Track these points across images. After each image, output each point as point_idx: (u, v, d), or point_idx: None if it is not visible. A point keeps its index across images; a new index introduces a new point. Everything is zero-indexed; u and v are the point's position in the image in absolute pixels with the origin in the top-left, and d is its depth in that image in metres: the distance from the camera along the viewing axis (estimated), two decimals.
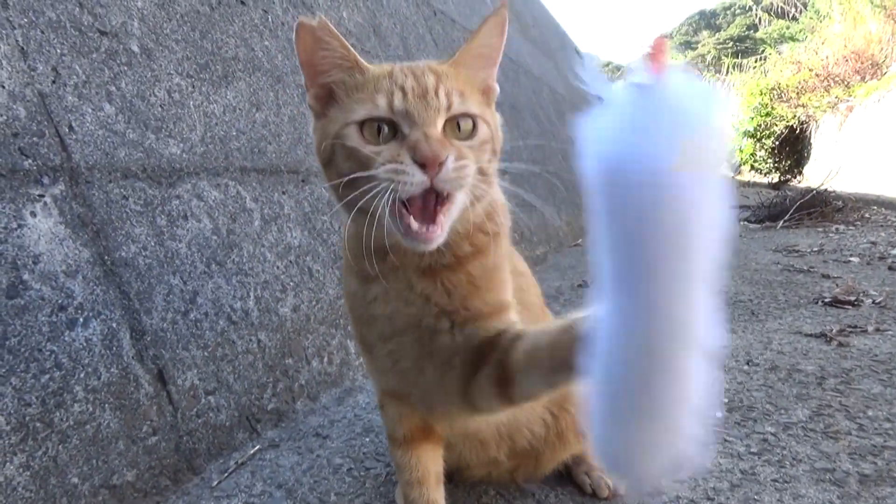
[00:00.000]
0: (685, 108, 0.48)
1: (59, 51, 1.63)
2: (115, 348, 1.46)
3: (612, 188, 0.50)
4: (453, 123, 0.88)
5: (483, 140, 0.91)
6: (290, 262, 2.15)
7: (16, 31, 1.53)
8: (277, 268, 2.08)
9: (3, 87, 1.45)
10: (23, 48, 1.54)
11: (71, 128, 1.57)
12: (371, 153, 0.85)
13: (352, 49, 0.93)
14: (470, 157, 0.86)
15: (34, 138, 1.47)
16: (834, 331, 2.45)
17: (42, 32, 1.60)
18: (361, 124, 0.88)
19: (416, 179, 0.80)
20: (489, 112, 0.96)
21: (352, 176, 0.84)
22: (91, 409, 1.36)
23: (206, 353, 1.70)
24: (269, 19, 2.63)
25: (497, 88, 1.02)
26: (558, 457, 1.34)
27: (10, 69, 1.48)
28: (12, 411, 1.22)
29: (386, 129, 0.87)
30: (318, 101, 0.98)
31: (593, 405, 0.57)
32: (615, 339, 0.54)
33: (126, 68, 1.81)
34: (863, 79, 13.38)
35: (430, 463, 1.15)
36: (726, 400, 1.86)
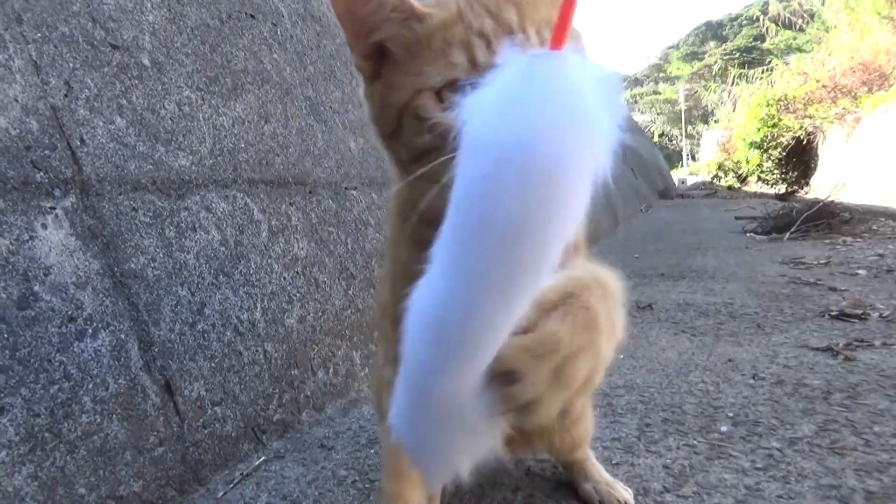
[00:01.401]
0: (562, 84, 0.46)
1: (71, 65, 1.65)
2: (123, 359, 1.48)
3: (472, 154, 0.47)
4: None
5: None
6: (297, 273, 2.17)
7: (29, 45, 1.56)
8: (284, 279, 2.09)
9: (17, 100, 1.47)
10: (36, 62, 1.56)
11: (82, 141, 1.60)
12: (437, 110, 0.71)
13: None
14: None
15: (46, 151, 1.50)
16: (840, 345, 2.44)
17: (55, 47, 1.62)
18: (439, 90, 0.72)
19: None
20: None
21: (432, 153, 0.70)
22: (99, 419, 1.37)
23: (212, 364, 1.71)
24: (278, 32, 2.66)
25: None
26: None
27: (23, 83, 1.50)
28: (21, 422, 1.23)
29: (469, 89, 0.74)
30: (367, 62, 0.80)
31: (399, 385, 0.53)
32: (432, 311, 0.49)
33: (137, 82, 1.84)
34: (870, 90, 13.37)
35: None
36: (731, 414, 1.85)
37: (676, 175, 39.55)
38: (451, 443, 0.52)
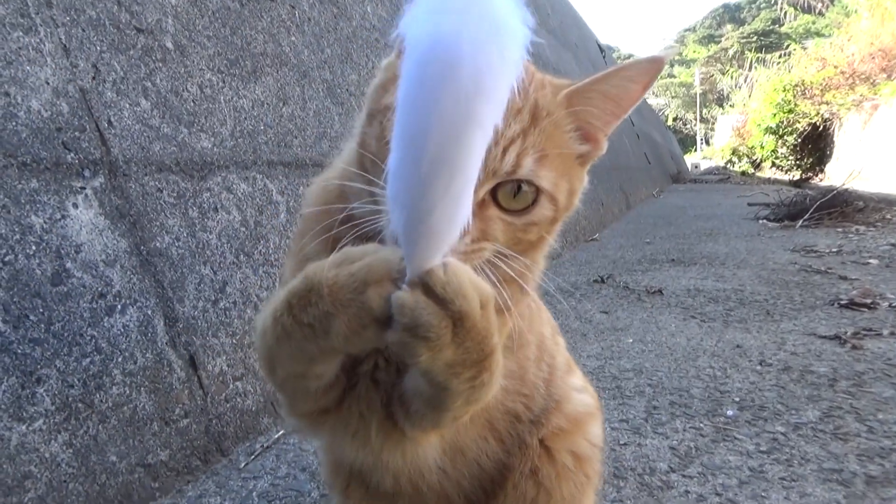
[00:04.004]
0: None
1: (98, 48, 1.69)
2: (150, 334, 1.53)
3: (406, 55, 0.55)
4: (513, 186, 0.69)
5: (534, 222, 0.71)
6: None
7: (59, 29, 1.60)
8: None
9: (48, 83, 1.52)
10: (65, 46, 1.60)
11: (110, 123, 1.64)
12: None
13: None
14: (500, 240, 0.70)
15: (76, 133, 1.54)
16: (848, 333, 2.47)
17: (83, 30, 1.66)
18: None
19: None
20: (566, 183, 0.74)
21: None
22: (128, 391, 1.43)
23: (234, 341, 1.77)
24: (297, 15, 2.68)
25: (604, 146, 0.79)
26: None
27: (53, 66, 1.55)
28: (56, 392, 1.29)
29: None
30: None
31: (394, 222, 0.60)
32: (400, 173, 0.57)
33: (161, 64, 1.87)
34: (889, 77, 13.19)
35: None
36: (738, 399, 1.90)
37: (690, 159, 39.24)
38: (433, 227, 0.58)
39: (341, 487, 1.00)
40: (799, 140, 16.24)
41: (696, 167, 35.40)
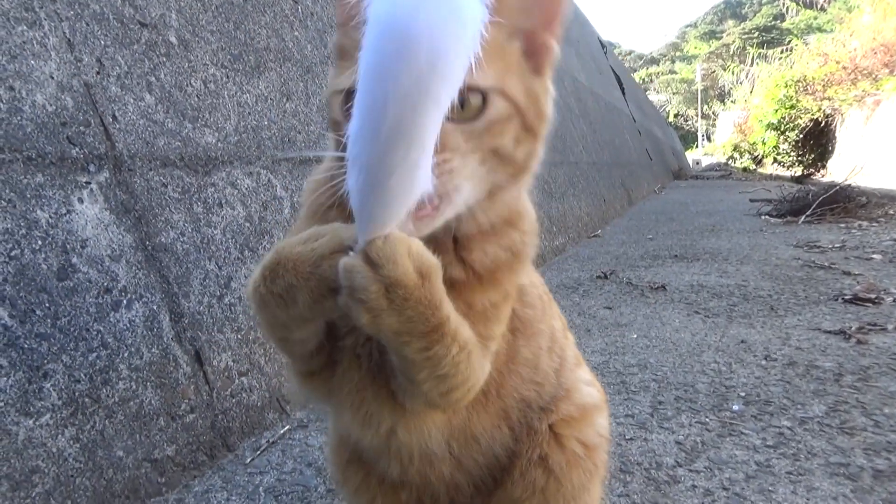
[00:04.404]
0: None
1: (102, 42, 1.69)
2: (155, 329, 1.53)
3: (368, 28, 0.58)
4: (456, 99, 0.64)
5: (493, 120, 0.68)
6: None
7: (63, 23, 1.60)
8: None
9: (53, 77, 1.51)
10: (69, 40, 1.60)
11: (114, 117, 1.64)
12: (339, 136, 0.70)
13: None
14: (463, 148, 0.66)
15: (81, 127, 1.54)
16: (853, 328, 2.46)
17: (87, 24, 1.66)
18: (347, 96, 0.70)
19: None
20: (519, 82, 0.71)
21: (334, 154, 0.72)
22: (134, 386, 1.43)
23: (239, 336, 1.77)
24: (300, 10, 2.67)
25: (555, 48, 0.75)
26: None
27: (58, 60, 1.54)
28: (63, 387, 1.29)
29: None
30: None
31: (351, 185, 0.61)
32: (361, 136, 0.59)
33: (165, 59, 1.87)
34: (891, 72, 13.15)
35: None
36: (743, 394, 1.89)
37: (691, 156, 39.20)
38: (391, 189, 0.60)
39: (340, 469, 1.00)
40: (801, 136, 16.21)
41: (698, 163, 35.37)
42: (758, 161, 21.76)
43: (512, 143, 0.71)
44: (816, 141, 15.97)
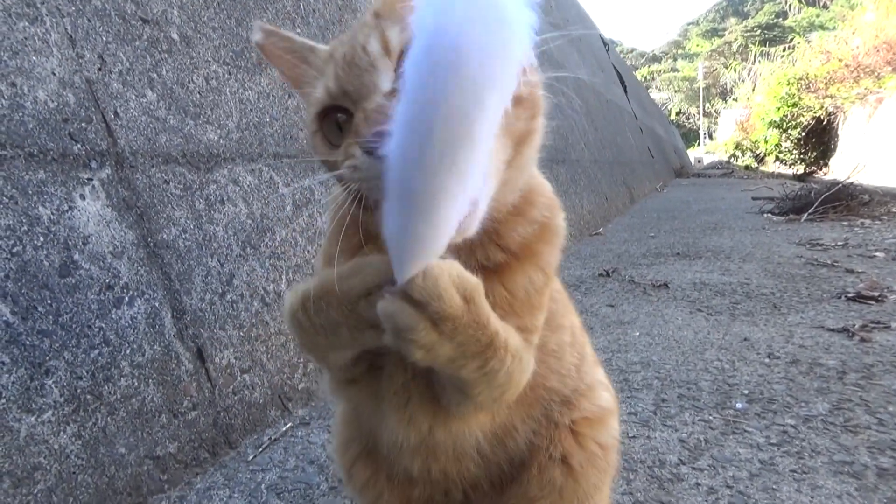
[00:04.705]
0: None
1: (104, 39, 1.68)
2: (157, 326, 1.53)
3: (414, 40, 0.54)
4: None
5: None
6: (320, 245, 2.21)
7: (65, 19, 1.59)
8: (308, 252, 2.14)
9: (54, 73, 1.51)
10: (71, 36, 1.59)
11: (116, 114, 1.63)
12: (329, 155, 0.70)
13: (298, 38, 0.80)
14: None
15: (82, 124, 1.53)
16: (856, 326, 2.45)
17: (89, 20, 1.65)
18: (321, 119, 0.71)
19: (374, 171, 0.59)
20: None
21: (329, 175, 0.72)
22: (136, 383, 1.43)
23: (241, 333, 1.76)
24: (301, 7, 2.66)
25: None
26: None
27: (60, 56, 1.54)
28: (65, 384, 1.29)
29: (344, 117, 0.69)
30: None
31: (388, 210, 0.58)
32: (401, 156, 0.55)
33: (167, 56, 1.86)
34: (894, 70, 13.11)
35: None
36: (747, 392, 1.89)
37: (693, 154, 39.14)
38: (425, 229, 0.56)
39: (347, 466, 0.99)
40: (803, 134, 16.19)
41: (700, 161, 35.32)
42: (760, 159, 21.73)
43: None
44: (819, 139, 15.95)
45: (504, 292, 0.75)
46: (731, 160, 27.45)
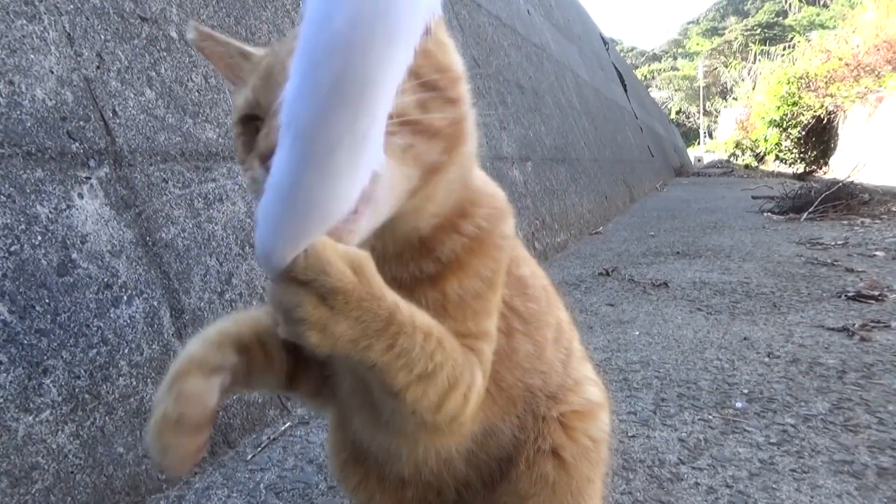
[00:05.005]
0: None
1: (102, 37, 1.68)
2: (156, 326, 1.52)
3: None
4: None
5: None
6: None
7: (63, 17, 1.59)
8: None
9: (52, 72, 1.50)
10: (69, 34, 1.59)
11: (115, 112, 1.63)
12: (244, 161, 0.69)
13: (234, 42, 0.78)
14: None
15: (81, 122, 1.53)
16: (856, 325, 2.45)
17: (87, 18, 1.65)
18: (242, 125, 0.71)
19: None
20: None
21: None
22: (135, 383, 1.42)
23: None
24: (300, 4, 2.66)
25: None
26: None
27: (58, 55, 1.53)
28: (63, 383, 1.28)
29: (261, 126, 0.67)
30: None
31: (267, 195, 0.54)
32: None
33: (165, 54, 1.86)
34: (894, 69, 13.10)
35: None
36: (746, 391, 1.88)
37: (693, 153, 39.13)
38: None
39: (339, 468, 0.99)
40: (803, 133, 16.19)
41: (700, 160, 35.33)
42: (760, 158, 21.73)
43: (417, 109, 0.63)
44: (819, 138, 15.95)
45: (436, 295, 0.73)
46: (731, 159, 27.46)
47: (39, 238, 1.34)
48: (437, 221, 0.72)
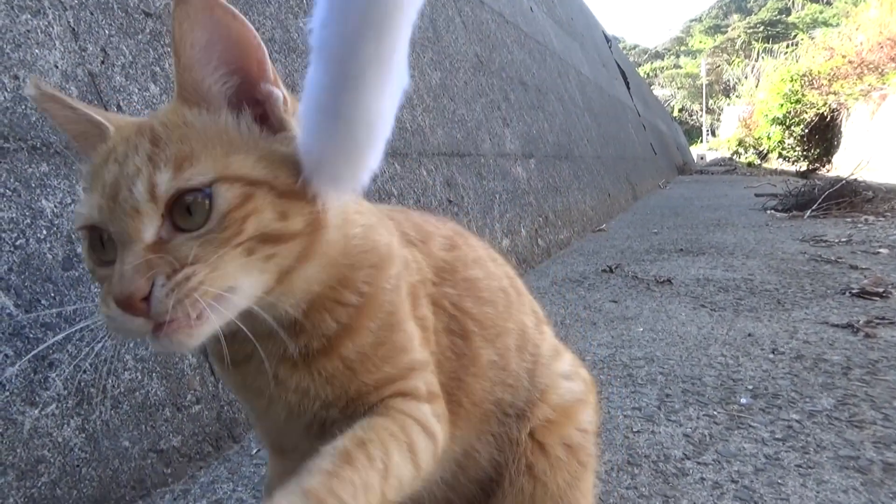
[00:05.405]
0: None
1: (107, 32, 1.67)
2: None
3: None
4: (182, 209, 0.60)
5: (226, 212, 0.60)
6: None
7: (67, 12, 1.58)
8: None
9: (57, 66, 1.50)
10: (74, 29, 1.59)
11: (119, 107, 1.63)
12: (96, 270, 0.66)
13: (83, 109, 0.70)
14: (205, 256, 0.59)
15: None
16: (861, 322, 2.45)
17: (91, 14, 1.65)
18: (87, 231, 0.65)
19: (130, 326, 0.58)
20: (249, 153, 0.64)
21: None
22: (140, 377, 1.43)
23: None
24: (304, 0, 2.66)
25: (277, 94, 0.68)
26: None
27: (62, 49, 1.53)
28: (69, 377, 1.28)
29: (108, 236, 0.63)
30: None
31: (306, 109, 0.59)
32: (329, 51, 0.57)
33: (169, 49, 1.86)
34: None
35: None
36: (751, 387, 1.88)
37: (695, 151, 39.06)
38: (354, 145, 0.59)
39: None
40: (806, 130, 16.13)
41: (702, 158, 35.27)
42: (763, 156, 21.67)
43: (275, 220, 0.63)
44: (822, 136, 15.89)
45: (335, 363, 0.72)
46: (734, 157, 27.41)
47: (45, 232, 1.34)
48: (306, 305, 0.71)
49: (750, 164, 22.87)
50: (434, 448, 0.74)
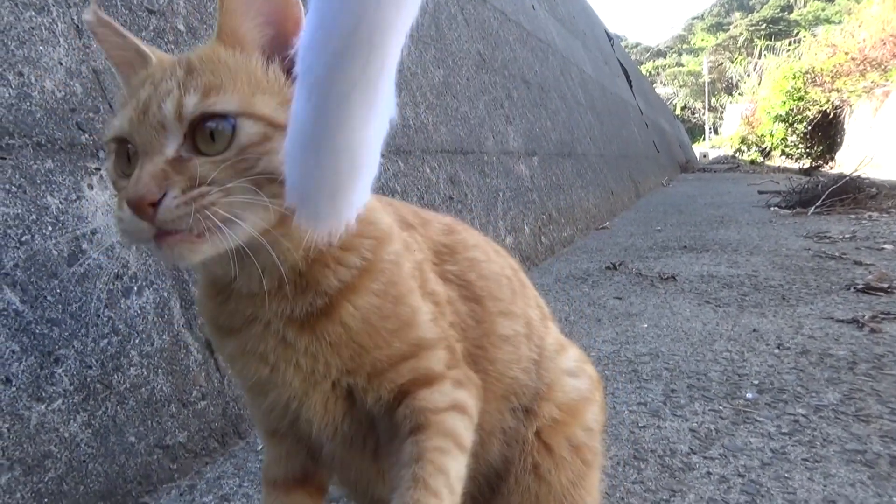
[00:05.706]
0: None
1: None
2: (166, 316, 1.53)
3: None
4: (205, 134, 0.64)
5: (246, 145, 0.64)
6: None
7: (71, 9, 1.59)
8: None
9: (61, 63, 1.50)
10: (78, 26, 1.59)
11: None
12: (117, 183, 0.70)
13: (132, 38, 0.76)
14: (221, 179, 0.63)
15: (90, 114, 1.53)
16: (866, 317, 2.44)
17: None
18: (116, 143, 0.70)
19: (135, 227, 0.62)
20: (273, 97, 0.68)
21: None
22: (146, 373, 1.43)
23: None
24: None
25: None
26: None
27: (66, 46, 1.53)
28: (75, 372, 1.29)
29: (134, 150, 0.67)
30: None
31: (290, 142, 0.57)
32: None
33: (173, 46, 1.86)
34: None
35: None
36: (756, 382, 1.88)
37: (698, 148, 39.01)
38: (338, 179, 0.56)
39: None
40: (809, 128, 16.10)
41: (705, 156, 35.21)
42: (766, 153, 21.63)
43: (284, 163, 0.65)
44: (825, 133, 15.86)
45: (338, 329, 0.74)
46: (737, 155, 27.36)
47: (50, 228, 1.34)
48: (309, 258, 0.73)
49: (753, 162, 22.83)
50: (470, 421, 0.79)
